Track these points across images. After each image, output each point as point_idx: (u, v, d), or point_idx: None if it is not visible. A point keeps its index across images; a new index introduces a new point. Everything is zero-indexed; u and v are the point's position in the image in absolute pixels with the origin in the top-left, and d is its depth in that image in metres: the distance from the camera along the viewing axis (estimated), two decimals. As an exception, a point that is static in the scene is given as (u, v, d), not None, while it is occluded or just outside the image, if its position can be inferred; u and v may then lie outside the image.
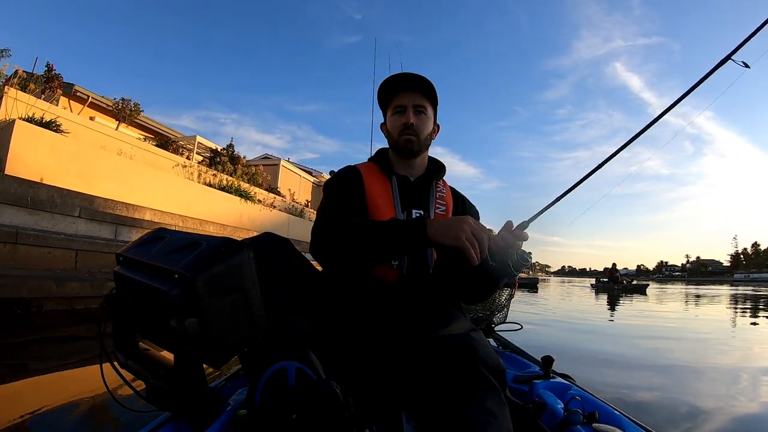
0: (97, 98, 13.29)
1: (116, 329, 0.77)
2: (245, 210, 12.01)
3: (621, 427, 0.93)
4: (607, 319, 7.46)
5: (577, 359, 3.46)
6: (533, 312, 7.77)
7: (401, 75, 1.27)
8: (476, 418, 0.73)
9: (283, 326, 0.80)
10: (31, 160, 7.22)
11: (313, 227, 1.11)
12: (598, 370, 3.13)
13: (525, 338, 2.11)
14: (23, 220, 5.30)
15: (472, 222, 0.96)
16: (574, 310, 8.61)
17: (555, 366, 1.31)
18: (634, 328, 6.24)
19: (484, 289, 1.21)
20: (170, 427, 0.83)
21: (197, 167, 11.72)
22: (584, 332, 5.47)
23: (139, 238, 0.81)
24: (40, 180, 6.98)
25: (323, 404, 0.65)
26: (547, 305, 9.75)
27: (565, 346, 4.22)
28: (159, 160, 10.64)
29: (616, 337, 5.15)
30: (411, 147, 1.26)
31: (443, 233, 0.95)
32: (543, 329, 5.43)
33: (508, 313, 2.13)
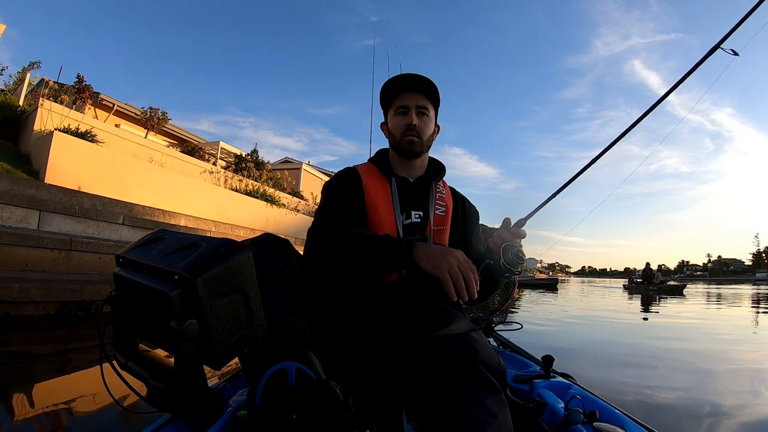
0: (123, 106, 13.57)
1: (116, 331, 0.77)
2: (271, 214, 12.13)
3: (622, 426, 0.92)
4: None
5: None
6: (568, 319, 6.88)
7: (404, 75, 1.26)
8: (476, 418, 0.72)
9: (283, 327, 0.80)
10: (69, 169, 7.43)
11: (309, 229, 1.12)
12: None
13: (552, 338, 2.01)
14: (72, 227, 5.44)
15: (460, 257, 0.95)
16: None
17: (555, 365, 1.30)
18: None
19: (483, 290, 1.19)
20: (171, 428, 0.83)
21: (224, 173, 11.92)
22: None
23: (138, 239, 0.81)
24: (78, 188, 7.15)
25: (323, 404, 0.65)
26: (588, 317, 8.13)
27: (577, 347, 4.13)
28: (187, 167, 10.84)
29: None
30: (413, 148, 1.26)
31: (427, 260, 0.95)
32: (547, 329, 5.32)
33: (508, 312, 2.11)
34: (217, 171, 11.82)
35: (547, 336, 4.76)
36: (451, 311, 1.03)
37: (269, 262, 0.88)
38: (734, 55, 1.08)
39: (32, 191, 5.76)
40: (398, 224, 1.21)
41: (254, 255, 0.72)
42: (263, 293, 0.74)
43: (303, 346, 0.76)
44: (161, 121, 12.04)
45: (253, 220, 11.17)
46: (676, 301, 11.84)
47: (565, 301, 11.09)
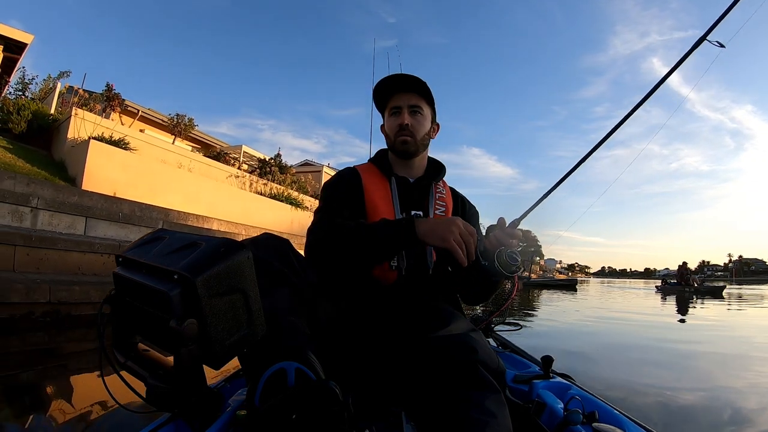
0: (146, 111, 13.75)
1: (116, 330, 0.77)
2: (295, 217, 12.22)
3: (621, 426, 0.92)
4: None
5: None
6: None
7: (395, 76, 1.27)
8: (476, 419, 0.72)
9: (282, 326, 0.80)
10: (105, 175, 7.61)
11: (308, 229, 1.11)
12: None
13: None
14: (116, 233, 5.52)
15: (461, 224, 0.97)
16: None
17: (555, 366, 1.29)
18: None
19: (482, 290, 1.21)
20: (170, 427, 0.83)
21: (248, 177, 12.02)
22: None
23: (138, 239, 0.80)
24: (113, 194, 7.26)
25: (323, 405, 0.65)
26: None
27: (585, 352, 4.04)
28: (214, 171, 10.99)
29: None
30: (407, 148, 1.25)
31: (432, 233, 0.97)
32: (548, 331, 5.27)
33: (508, 313, 2.06)
34: (243, 175, 11.97)
35: (580, 341, 4.65)
36: (451, 311, 1.03)
37: (269, 262, 0.88)
38: (720, 47, 1.08)
39: (75, 198, 5.90)
40: None
41: (254, 255, 0.72)
42: (263, 293, 0.74)
43: (302, 346, 0.76)
44: (188, 128, 12.19)
45: (279, 223, 11.26)
46: (716, 304, 11.15)
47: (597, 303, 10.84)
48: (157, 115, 13.86)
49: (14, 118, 8.82)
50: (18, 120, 8.82)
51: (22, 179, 5.54)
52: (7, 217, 4.68)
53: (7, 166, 6.91)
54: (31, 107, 9.09)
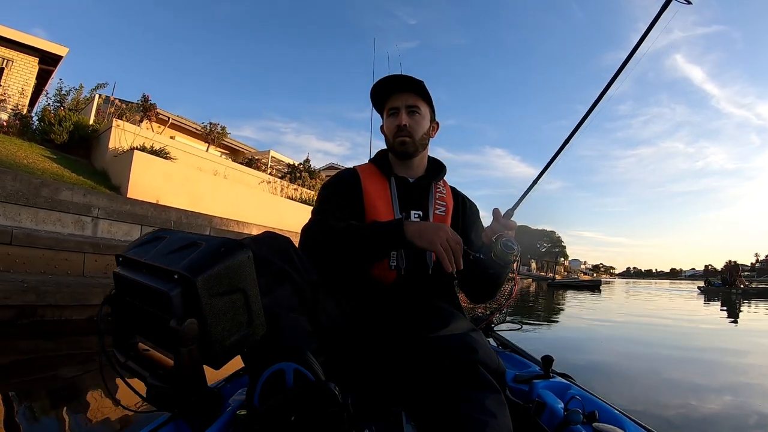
0: (177, 119, 13.96)
1: (116, 330, 0.77)
2: (326, 221, 12.20)
3: (621, 426, 0.92)
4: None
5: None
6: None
7: (391, 77, 1.27)
8: (476, 419, 0.72)
9: (283, 326, 0.79)
10: (148, 184, 7.76)
11: (302, 228, 1.12)
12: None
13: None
14: (170, 240, 5.52)
15: (448, 230, 1.00)
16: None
17: (555, 366, 1.29)
18: None
19: (486, 287, 1.22)
20: (170, 427, 0.83)
21: (279, 182, 12.13)
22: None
23: (138, 238, 0.80)
24: (156, 201, 7.35)
25: (322, 406, 0.65)
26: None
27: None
28: (246, 178, 11.16)
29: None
30: (406, 149, 1.25)
31: (420, 236, 0.99)
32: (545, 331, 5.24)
33: (507, 312, 2.07)
34: (274, 181, 12.13)
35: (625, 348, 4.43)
36: (451, 311, 1.03)
37: (271, 260, 0.87)
38: (687, 3, 1.09)
39: (128, 207, 6.01)
40: None
41: (256, 253, 0.72)
42: (264, 291, 0.74)
43: (302, 347, 0.75)
44: (220, 135, 12.38)
45: (311, 228, 11.29)
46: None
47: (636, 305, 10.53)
48: (189, 122, 14.14)
49: (56, 129, 9.08)
50: (60, 131, 9.08)
51: (79, 190, 5.69)
52: (71, 227, 4.81)
53: (56, 176, 7.08)
54: (72, 119, 9.30)
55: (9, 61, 9.94)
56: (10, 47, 9.98)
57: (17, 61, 10.07)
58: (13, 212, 4.48)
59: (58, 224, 4.85)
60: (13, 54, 10.04)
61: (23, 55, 10.20)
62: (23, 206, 4.50)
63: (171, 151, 9.06)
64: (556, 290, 19.43)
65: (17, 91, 10.02)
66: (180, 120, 14.09)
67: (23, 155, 7.64)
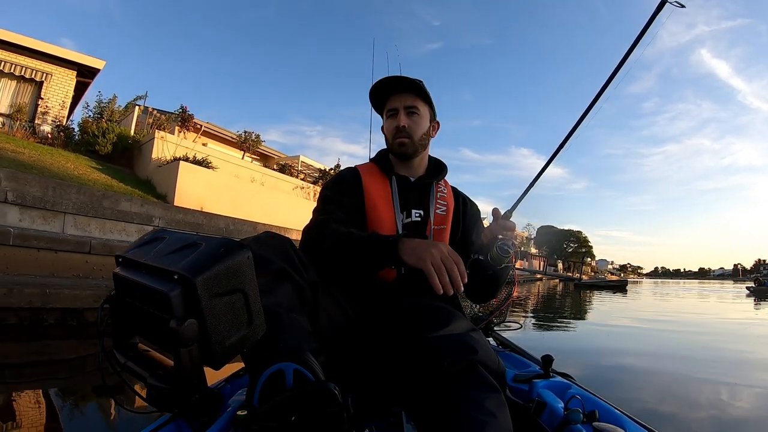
0: (212, 127, 14.22)
1: (116, 331, 0.76)
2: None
3: (621, 426, 0.92)
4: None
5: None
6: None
7: (390, 78, 1.27)
8: (476, 419, 0.72)
9: (283, 325, 0.79)
10: (192, 192, 7.99)
11: (303, 228, 1.12)
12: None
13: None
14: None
15: (444, 248, 0.93)
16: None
17: (555, 365, 1.28)
18: None
19: (485, 288, 1.21)
20: (170, 428, 0.82)
21: (312, 188, 12.28)
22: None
23: (138, 239, 0.80)
24: (200, 209, 7.51)
25: (321, 406, 0.64)
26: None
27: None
28: (281, 184, 11.34)
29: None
30: (405, 150, 1.25)
31: (411, 253, 0.95)
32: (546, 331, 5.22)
33: (508, 312, 2.06)
34: (307, 186, 12.31)
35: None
36: (451, 311, 1.02)
37: (270, 259, 0.87)
38: (681, 6, 1.08)
39: (181, 216, 6.17)
40: (398, 223, 1.21)
41: (256, 253, 0.72)
42: (264, 291, 0.73)
43: (302, 347, 0.75)
44: (255, 143, 12.60)
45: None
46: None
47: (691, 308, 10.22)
48: (223, 131, 14.42)
49: (101, 140, 9.40)
50: (104, 142, 9.43)
51: (136, 201, 5.92)
52: (135, 236, 4.98)
53: (107, 186, 7.35)
54: (115, 130, 9.58)
55: (48, 75, 10.35)
56: (50, 61, 10.39)
57: (56, 74, 10.48)
58: (83, 223, 4.72)
59: (123, 233, 5.10)
60: (52, 68, 10.44)
61: (62, 69, 10.63)
62: (93, 218, 4.70)
63: (212, 160, 9.30)
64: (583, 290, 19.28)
65: (58, 103, 10.44)
66: (215, 128, 14.37)
67: (73, 167, 7.94)
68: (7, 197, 4.13)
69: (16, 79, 10.00)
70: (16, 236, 3.83)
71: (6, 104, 9.90)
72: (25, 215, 4.28)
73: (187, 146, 9.59)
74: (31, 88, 10.26)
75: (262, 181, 10.65)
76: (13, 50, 9.83)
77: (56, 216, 4.49)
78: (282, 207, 10.10)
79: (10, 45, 9.76)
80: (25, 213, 4.27)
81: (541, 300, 11.50)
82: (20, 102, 10.01)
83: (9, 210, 4.16)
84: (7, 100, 9.91)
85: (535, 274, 34.95)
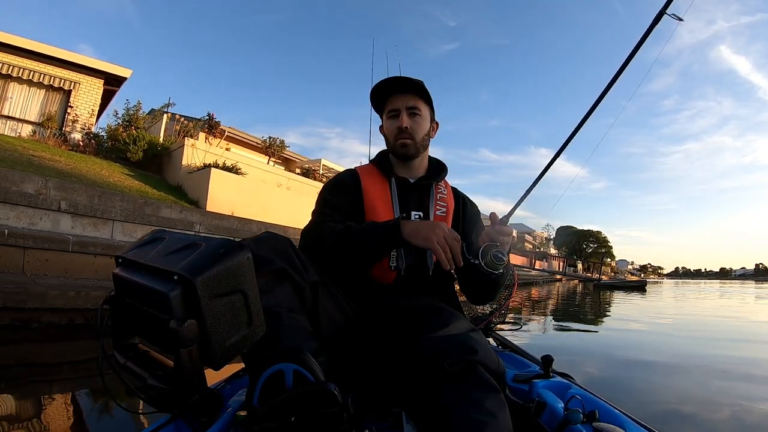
0: (237, 133, 14.44)
1: (116, 331, 0.76)
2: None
3: (622, 426, 0.92)
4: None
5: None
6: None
7: (391, 79, 1.26)
8: (475, 419, 0.72)
9: (283, 325, 0.79)
10: (223, 198, 8.16)
11: (302, 231, 1.13)
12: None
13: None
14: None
15: (445, 228, 0.99)
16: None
17: (555, 365, 1.27)
18: None
19: (484, 289, 1.21)
20: (170, 428, 0.82)
21: (336, 191, 12.24)
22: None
23: (138, 240, 0.80)
24: (231, 213, 7.61)
25: (321, 406, 0.64)
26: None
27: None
28: (306, 188, 11.53)
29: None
30: (407, 151, 1.25)
31: (416, 234, 0.99)
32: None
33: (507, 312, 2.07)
34: (331, 190, 12.23)
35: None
36: (451, 311, 1.02)
37: (270, 259, 0.87)
38: (679, 20, 1.08)
39: (217, 221, 6.24)
40: None
41: (256, 253, 0.72)
42: (264, 291, 0.73)
43: (302, 347, 0.74)
44: (279, 149, 12.76)
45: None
46: None
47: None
48: (248, 136, 14.63)
49: (132, 147, 9.55)
50: (135, 150, 9.65)
51: (176, 207, 6.05)
52: (178, 243, 5.02)
53: (142, 193, 7.50)
54: (146, 138, 9.77)
55: (76, 84, 10.63)
56: (77, 70, 10.69)
57: (84, 83, 10.79)
58: (130, 230, 4.87)
59: (168, 240, 5.07)
60: (80, 77, 10.74)
61: (89, 77, 10.91)
62: (139, 224, 4.82)
63: (240, 166, 9.47)
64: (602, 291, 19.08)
65: (86, 111, 10.72)
66: (238, 133, 14.56)
67: (107, 174, 8.12)
68: (60, 206, 4.29)
69: (44, 88, 10.32)
70: (75, 243, 4.00)
71: (35, 112, 10.23)
72: (77, 223, 4.46)
73: (215, 153, 9.80)
74: (59, 97, 10.58)
75: (288, 185, 10.83)
76: (41, 60, 10.15)
77: (105, 223, 4.68)
78: (308, 210, 10.10)
79: (38, 55, 10.09)
80: (77, 221, 4.46)
81: (560, 302, 11.35)
82: (50, 110, 10.31)
83: (62, 218, 4.33)
84: (36, 109, 10.24)
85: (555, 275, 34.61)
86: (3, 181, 4.72)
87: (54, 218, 4.28)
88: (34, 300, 2.96)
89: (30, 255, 3.57)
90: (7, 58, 9.75)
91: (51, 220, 4.27)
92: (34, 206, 4.16)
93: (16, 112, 10.02)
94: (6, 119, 9.89)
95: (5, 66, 9.68)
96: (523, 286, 17.22)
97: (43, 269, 3.62)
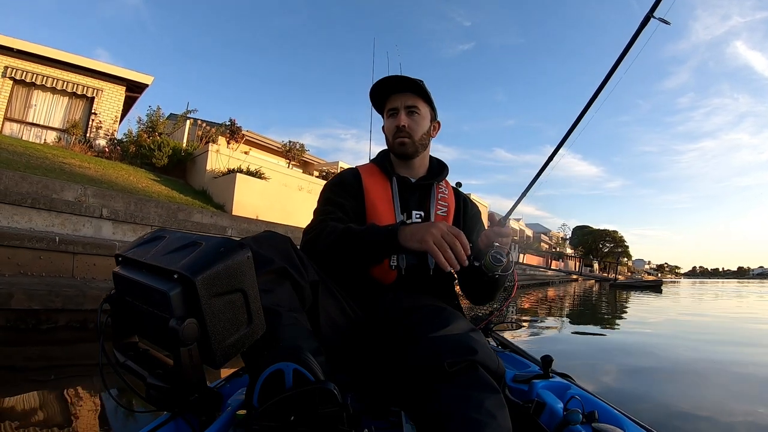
0: (252, 135, 14.60)
1: (115, 330, 0.76)
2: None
3: (621, 426, 0.92)
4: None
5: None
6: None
7: (390, 78, 1.26)
8: (475, 419, 0.72)
9: (283, 325, 0.79)
10: (248, 202, 8.31)
11: (304, 229, 1.13)
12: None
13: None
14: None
15: (443, 227, 0.94)
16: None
17: (554, 365, 1.27)
18: None
19: (484, 290, 1.21)
20: (170, 427, 0.82)
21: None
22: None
23: (138, 238, 0.80)
24: (256, 217, 7.74)
25: (321, 406, 0.64)
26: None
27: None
28: (326, 191, 11.40)
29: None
30: (405, 150, 1.25)
31: (411, 237, 0.95)
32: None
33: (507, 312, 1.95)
34: (349, 193, 12.34)
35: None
36: (451, 311, 1.02)
37: (271, 258, 0.87)
38: (666, 23, 1.06)
39: (245, 225, 6.39)
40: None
41: (256, 252, 0.72)
42: (265, 290, 0.73)
43: (302, 346, 0.74)
44: (299, 153, 12.90)
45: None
46: None
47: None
48: (268, 140, 14.79)
49: (157, 153, 9.74)
50: (160, 155, 9.84)
51: (206, 213, 6.18)
52: (213, 247, 5.15)
53: (169, 198, 7.67)
54: (170, 144, 9.98)
55: (99, 91, 10.92)
56: (100, 78, 10.98)
57: (106, 90, 11.07)
58: (168, 236, 4.89)
59: (204, 245, 5.20)
60: (103, 84, 11.03)
61: (111, 84, 11.19)
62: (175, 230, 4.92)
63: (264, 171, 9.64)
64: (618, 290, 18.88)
65: (110, 118, 10.98)
66: (257, 137, 14.72)
67: (135, 180, 8.30)
68: (102, 213, 4.44)
69: (68, 95, 10.62)
70: (120, 248, 4.04)
71: (59, 119, 10.53)
72: (118, 229, 4.62)
73: (238, 158, 9.99)
74: (83, 104, 10.86)
75: (309, 189, 10.99)
76: (64, 68, 10.43)
77: (144, 228, 4.79)
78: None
79: (61, 63, 10.36)
80: (117, 227, 4.62)
81: (572, 302, 11.22)
82: (73, 117, 10.57)
83: (104, 224, 4.49)
84: (60, 116, 10.54)
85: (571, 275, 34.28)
86: (45, 189, 4.89)
87: (96, 225, 4.46)
88: (90, 302, 3.08)
89: (79, 260, 3.70)
90: (31, 67, 10.05)
91: (93, 226, 4.45)
92: (78, 214, 4.34)
93: (40, 119, 10.35)
94: (31, 126, 10.23)
95: (29, 74, 9.99)
96: (539, 286, 17.25)
97: (91, 273, 3.75)
